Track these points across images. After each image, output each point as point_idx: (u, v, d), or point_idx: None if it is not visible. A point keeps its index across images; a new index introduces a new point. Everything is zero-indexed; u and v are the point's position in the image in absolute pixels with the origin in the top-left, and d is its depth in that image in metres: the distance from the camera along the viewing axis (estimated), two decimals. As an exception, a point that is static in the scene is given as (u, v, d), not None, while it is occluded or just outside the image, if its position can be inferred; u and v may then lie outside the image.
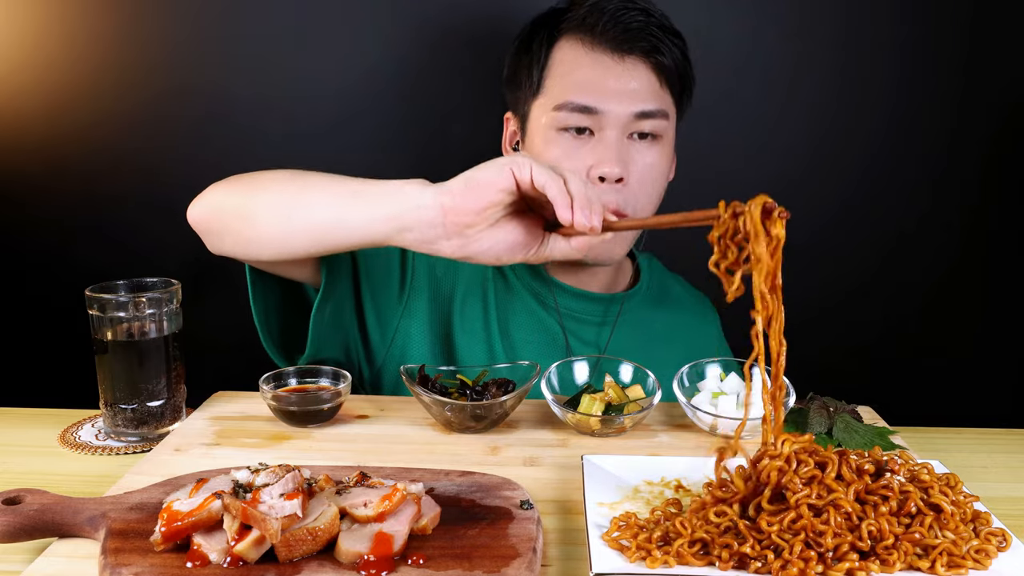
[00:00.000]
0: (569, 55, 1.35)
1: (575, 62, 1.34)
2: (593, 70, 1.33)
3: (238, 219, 1.18)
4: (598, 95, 1.32)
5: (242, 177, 1.22)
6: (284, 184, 1.17)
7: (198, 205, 1.23)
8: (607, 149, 1.31)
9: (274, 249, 1.18)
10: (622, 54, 1.33)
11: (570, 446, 1.13)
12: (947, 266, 1.91)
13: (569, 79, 1.34)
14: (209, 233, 1.23)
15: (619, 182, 1.32)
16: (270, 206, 1.16)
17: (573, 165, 1.32)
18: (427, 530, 0.85)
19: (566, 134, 1.34)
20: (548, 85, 1.36)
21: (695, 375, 1.23)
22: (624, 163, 1.32)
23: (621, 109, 1.31)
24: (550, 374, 1.22)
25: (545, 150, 1.35)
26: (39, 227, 1.86)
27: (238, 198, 1.19)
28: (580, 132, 1.33)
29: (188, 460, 1.06)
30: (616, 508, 0.92)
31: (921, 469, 0.89)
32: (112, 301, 1.13)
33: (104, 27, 1.78)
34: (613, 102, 1.31)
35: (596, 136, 1.33)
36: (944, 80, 1.82)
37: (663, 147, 1.37)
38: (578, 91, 1.32)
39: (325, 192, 1.13)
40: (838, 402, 1.18)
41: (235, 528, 0.79)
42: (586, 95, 1.32)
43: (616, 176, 1.31)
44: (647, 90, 1.33)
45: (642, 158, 1.34)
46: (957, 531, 0.82)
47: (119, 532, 0.84)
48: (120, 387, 1.15)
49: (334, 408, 1.19)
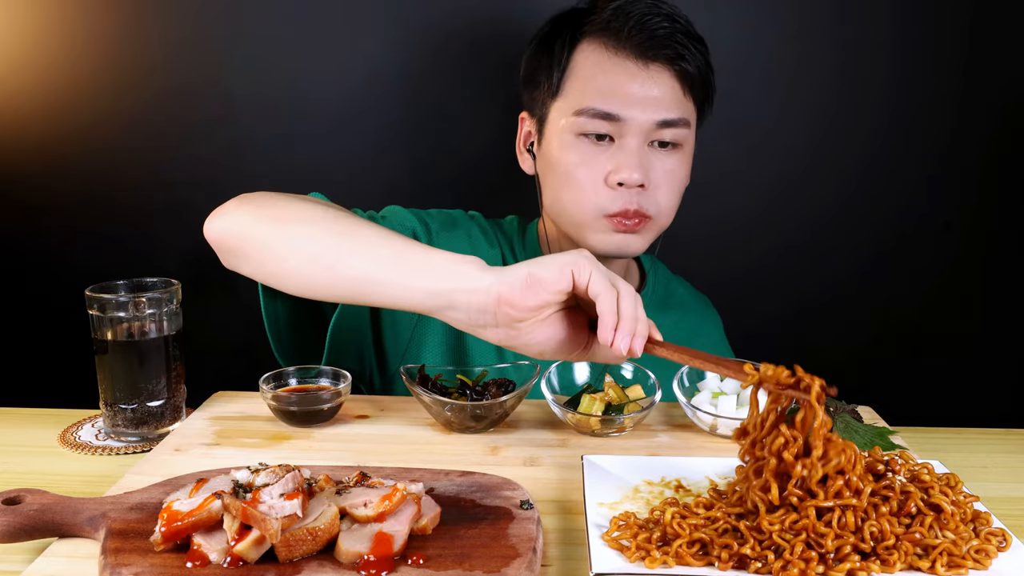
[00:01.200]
0: (592, 59, 1.33)
1: (598, 66, 1.33)
2: (616, 76, 1.31)
3: (264, 250, 1.10)
4: (621, 102, 1.30)
5: (272, 199, 1.14)
6: (322, 226, 1.08)
7: (219, 222, 1.13)
8: (628, 156, 1.31)
9: (297, 288, 1.10)
10: (646, 61, 1.31)
11: (570, 446, 1.13)
12: (947, 266, 1.91)
13: (591, 84, 1.32)
14: (228, 252, 1.15)
15: (640, 187, 1.31)
16: (302, 249, 1.07)
17: (591, 171, 1.32)
18: (427, 530, 0.85)
19: (585, 140, 1.33)
20: (568, 88, 1.35)
21: (695, 375, 1.23)
22: (644, 170, 1.31)
23: (644, 117, 1.30)
24: (550, 374, 1.22)
25: (562, 154, 1.34)
26: (39, 227, 1.86)
27: (267, 227, 1.10)
28: (600, 139, 1.33)
29: (188, 460, 1.06)
30: (616, 508, 0.91)
31: (921, 469, 0.89)
32: (112, 301, 1.13)
33: (104, 27, 1.77)
34: (636, 109, 1.30)
35: (617, 143, 1.32)
36: (944, 80, 1.82)
37: (683, 155, 1.36)
38: (600, 97, 1.31)
39: (367, 248, 1.04)
40: (838, 402, 1.18)
41: (235, 528, 0.79)
42: (609, 102, 1.31)
43: (637, 183, 1.30)
44: (670, 98, 1.32)
45: (662, 165, 1.33)
46: (957, 531, 0.82)
47: (119, 532, 0.83)
48: (120, 387, 1.15)
49: (334, 408, 1.19)
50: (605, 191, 1.32)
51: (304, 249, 1.07)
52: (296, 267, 1.07)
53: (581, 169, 1.32)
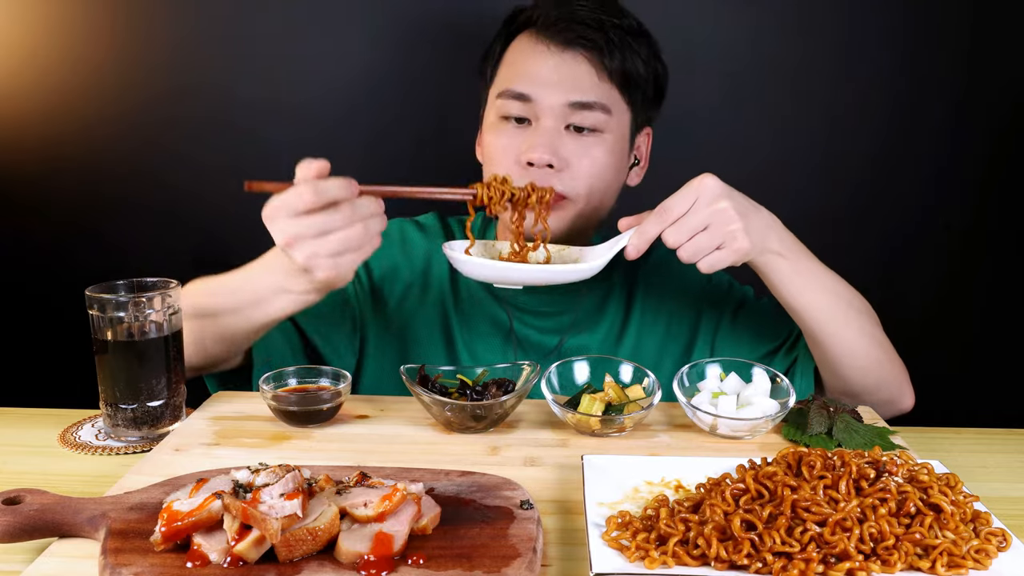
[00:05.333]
0: (520, 48, 1.38)
1: (521, 53, 1.37)
2: (535, 60, 1.35)
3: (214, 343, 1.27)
4: (532, 82, 1.34)
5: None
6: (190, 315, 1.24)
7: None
8: (538, 136, 1.33)
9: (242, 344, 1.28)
10: (564, 46, 1.34)
11: (570, 446, 1.13)
12: (947, 267, 1.91)
13: (511, 69, 1.37)
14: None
15: (550, 168, 1.32)
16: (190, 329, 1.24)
17: (507, 153, 1.35)
18: (427, 530, 0.85)
19: (508, 124, 1.36)
20: (499, 76, 1.40)
21: (695, 375, 1.23)
22: (555, 150, 1.32)
23: (554, 98, 1.33)
24: (550, 374, 1.22)
25: (489, 138, 1.39)
26: (39, 227, 1.86)
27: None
28: (520, 122, 1.36)
29: (188, 460, 1.06)
30: (616, 508, 0.91)
31: (921, 469, 0.90)
32: (112, 301, 1.12)
33: (102, 29, 1.78)
34: (547, 90, 1.33)
35: (533, 125, 1.35)
36: (945, 80, 1.82)
37: (608, 143, 1.36)
38: (516, 79, 1.35)
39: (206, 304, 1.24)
40: (838, 402, 1.18)
41: (235, 528, 0.79)
42: (522, 83, 1.34)
43: (544, 162, 1.32)
44: (585, 82, 1.34)
45: (579, 147, 1.34)
46: (957, 531, 0.82)
47: (119, 532, 0.84)
48: (120, 387, 1.14)
49: (334, 408, 1.19)
50: (518, 171, 1.34)
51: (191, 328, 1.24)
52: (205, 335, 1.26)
53: (500, 152, 1.36)
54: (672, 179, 1.46)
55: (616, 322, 1.47)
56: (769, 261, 1.22)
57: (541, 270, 1.19)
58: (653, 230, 1.16)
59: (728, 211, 1.15)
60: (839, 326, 1.27)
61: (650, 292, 1.48)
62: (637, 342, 1.46)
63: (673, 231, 1.15)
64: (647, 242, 1.17)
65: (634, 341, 1.46)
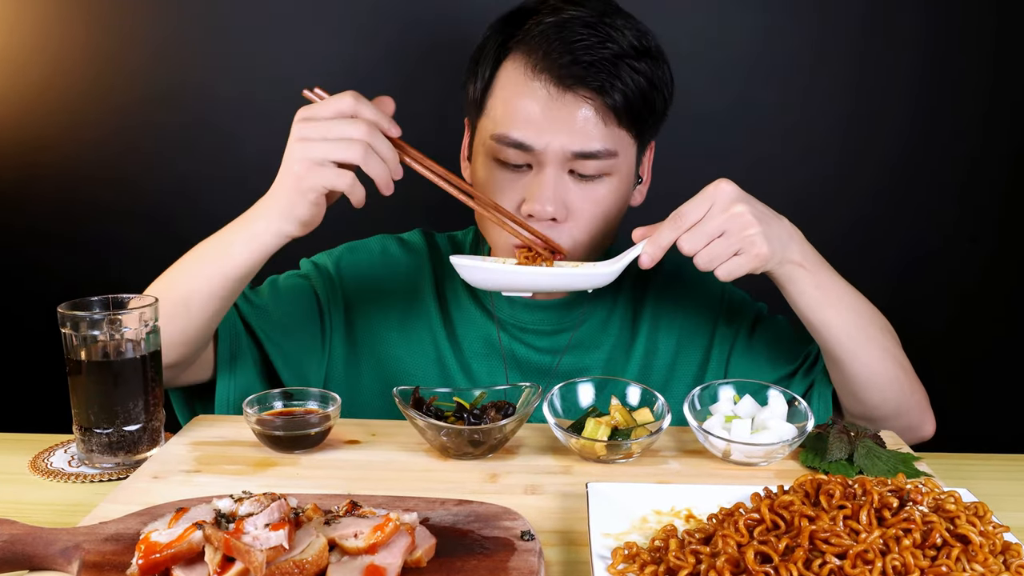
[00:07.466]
0: (513, 78, 1.28)
1: (516, 88, 1.28)
2: (533, 102, 1.26)
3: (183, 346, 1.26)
4: (535, 131, 1.26)
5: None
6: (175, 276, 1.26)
7: None
8: (540, 187, 1.27)
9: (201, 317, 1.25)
10: (566, 87, 1.25)
11: (574, 473, 1.12)
12: (973, 281, 1.91)
13: (508, 108, 1.28)
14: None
15: (553, 220, 1.28)
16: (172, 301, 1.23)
17: (505, 199, 1.30)
18: (421, 563, 0.83)
19: (504, 167, 1.30)
20: (489, 106, 1.31)
21: (707, 398, 1.20)
22: (559, 201, 1.27)
23: (559, 147, 1.26)
24: (552, 396, 1.20)
25: (483, 176, 1.33)
26: (10, 239, 1.87)
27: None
28: (518, 167, 1.30)
29: (167, 488, 1.05)
30: (622, 539, 0.90)
31: (947, 498, 0.89)
32: (86, 319, 1.10)
33: (80, 30, 1.79)
34: (551, 138, 1.26)
35: (534, 171, 1.29)
36: (969, 85, 1.83)
37: (614, 183, 1.31)
38: (514, 125, 1.27)
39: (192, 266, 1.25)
40: (860, 426, 1.16)
41: (217, 560, 0.77)
42: (523, 131, 1.26)
43: (547, 216, 1.27)
44: (592, 129, 1.26)
45: (586, 194, 1.30)
46: (986, 563, 0.81)
47: (94, 565, 0.83)
48: (95, 410, 1.12)
49: (322, 433, 1.17)
50: (517, 213, 1.30)
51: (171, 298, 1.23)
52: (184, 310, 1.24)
53: (496, 196, 1.30)
54: (684, 188, 1.43)
55: (622, 341, 1.44)
56: (789, 272, 1.20)
57: (557, 274, 1.21)
58: (668, 237, 1.15)
59: (745, 215, 1.13)
60: (860, 345, 1.25)
61: (660, 308, 1.45)
62: (645, 362, 1.43)
63: (689, 237, 1.14)
64: (662, 250, 1.16)
65: (642, 361, 1.43)
